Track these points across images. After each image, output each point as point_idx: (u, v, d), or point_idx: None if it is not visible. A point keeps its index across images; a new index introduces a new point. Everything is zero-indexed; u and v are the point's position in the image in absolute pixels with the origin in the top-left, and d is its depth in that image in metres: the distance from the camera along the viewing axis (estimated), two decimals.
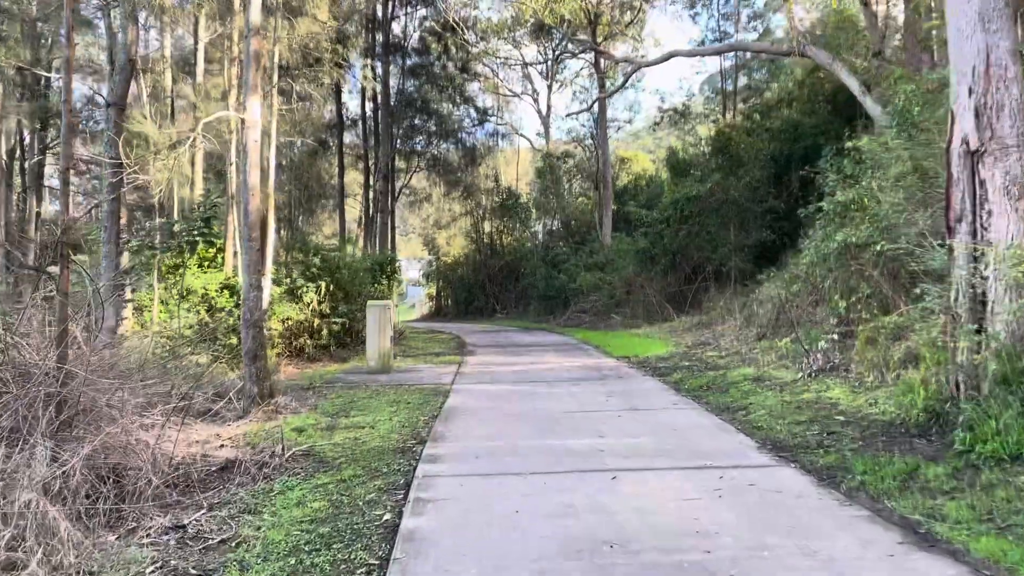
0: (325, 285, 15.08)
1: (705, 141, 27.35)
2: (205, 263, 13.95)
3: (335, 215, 32.09)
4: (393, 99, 30.37)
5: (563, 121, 74.21)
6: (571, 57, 34.93)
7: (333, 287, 15.31)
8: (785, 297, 11.34)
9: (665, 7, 33.24)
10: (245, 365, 8.85)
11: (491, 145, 38.33)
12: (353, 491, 5.30)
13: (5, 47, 16.89)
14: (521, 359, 14.01)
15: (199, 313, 12.98)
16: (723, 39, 31.82)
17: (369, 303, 12.93)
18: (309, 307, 14.65)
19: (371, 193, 29.32)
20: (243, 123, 8.84)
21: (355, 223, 37.10)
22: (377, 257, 21.77)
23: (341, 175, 29.34)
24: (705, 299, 19.25)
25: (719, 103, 33.77)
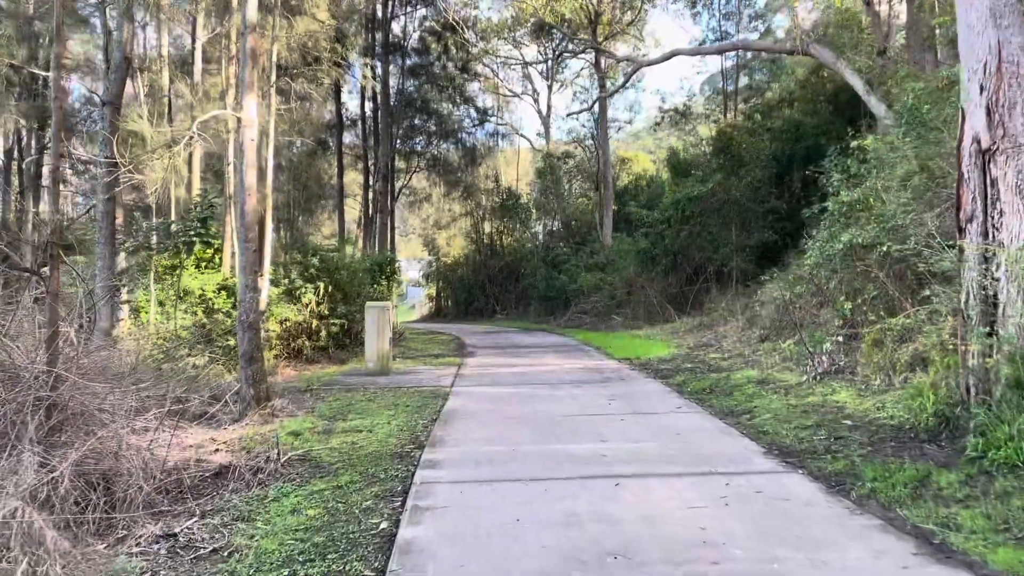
0: (324, 286, 14.94)
1: (706, 141, 27.23)
2: (202, 264, 13.81)
3: (335, 215, 31.95)
4: (393, 99, 30.24)
5: (563, 121, 74.13)
6: (572, 57, 34.82)
7: (332, 288, 15.18)
8: (789, 298, 11.20)
9: (667, 6, 33.10)
10: (241, 368, 8.72)
11: (491, 145, 38.22)
12: (349, 498, 5.17)
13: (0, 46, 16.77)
14: (521, 361, 13.87)
15: (196, 314, 12.84)
16: (724, 39, 31.68)
17: (368, 304, 12.79)
18: (307, 308, 14.51)
19: (371, 193, 29.19)
20: (240, 122, 8.71)
21: (355, 223, 36.97)
22: (376, 258, 21.64)
23: (340, 175, 29.21)
24: (706, 300, 19.12)
25: (720, 103, 33.65)
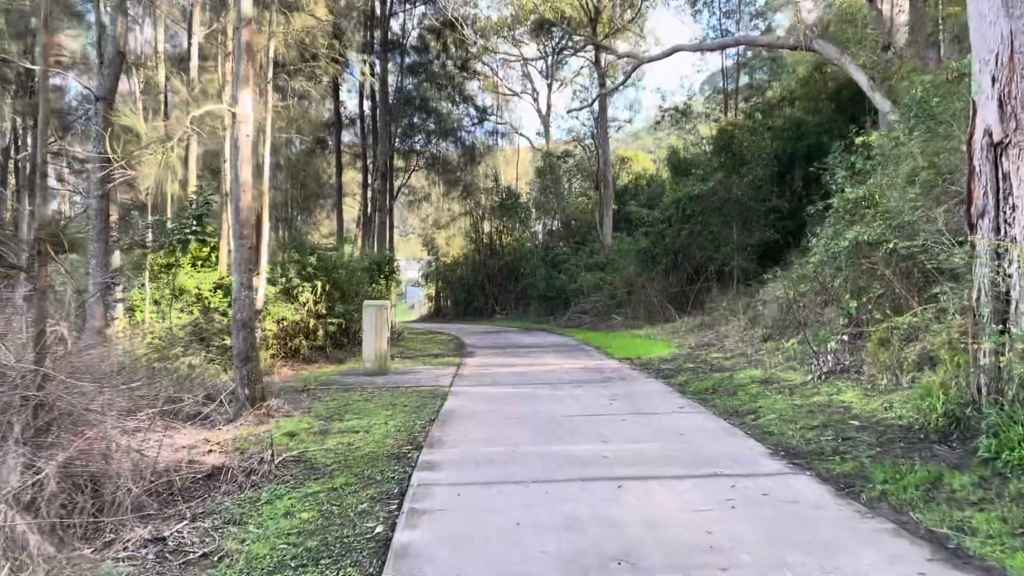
0: (321, 285, 14.80)
1: (707, 140, 27.10)
2: (199, 262, 13.67)
3: (333, 214, 31.80)
4: (392, 97, 30.09)
5: (563, 120, 74.01)
6: (572, 54, 34.69)
7: (329, 287, 15.03)
8: (793, 297, 11.05)
9: (668, 2, 32.98)
10: (236, 367, 8.57)
11: (491, 144, 38.09)
12: (344, 501, 5.02)
13: None
14: (521, 360, 13.73)
15: (192, 313, 12.69)
16: (724, 37, 31.53)
17: (365, 303, 12.64)
18: (305, 307, 14.36)
19: (369, 192, 29.04)
20: (234, 117, 8.56)
21: (354, 223, 36.83)
22: (375, 257, 21.49)
23: (339, 174, 29.06)
24: (707, 299, 18.98)
25: (720, 102, 33.53)
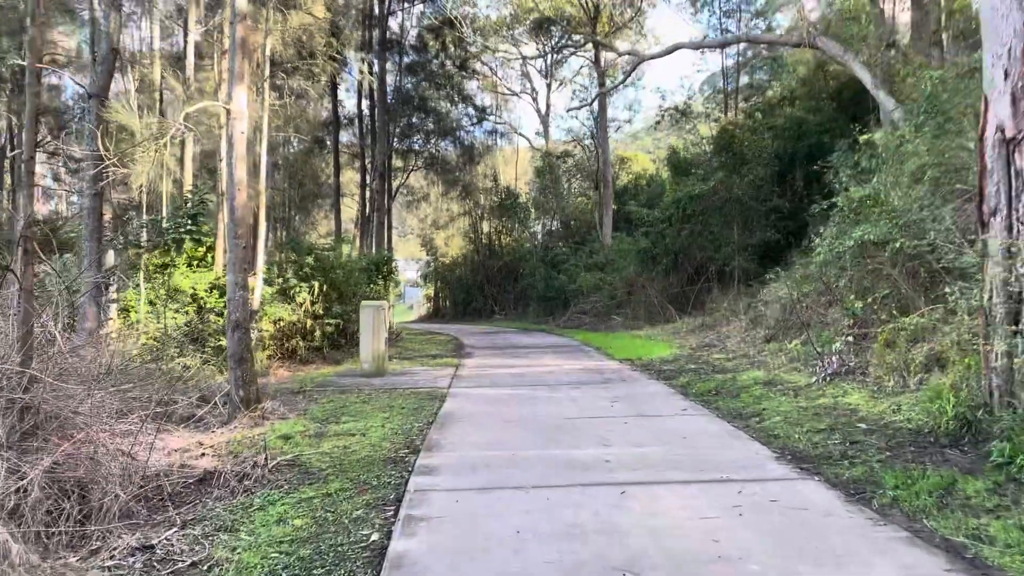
0: (319, 285, 14.65)
1: (707, 140, 26.97)
2: (195, 262, 13.52)
3: (331, 214, 31.64)
4: (390, 96, 29.92)
5: (562, 120, 73.99)
6: (572, 53, 34.53)
7: (327, 287, 14.88)
8: (796, 297, 10.91)
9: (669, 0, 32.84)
10: (230, 369, 8.42)
11: (490, 144, 37.95)
12: (339, 507, 4.87)
13: None
14: (520, 361, 13.58)
15: (187, 314, 12.54)
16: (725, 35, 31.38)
17: (363, 303, 12.49)
18: (302, 308, 14.22)
19: (367, 192, 28.87)
20: (229, 114, 8.41)
21: (352, 223, 36.66)
22: (373, 257, 21.33)
23: (337, 173, 28.90)
24: (708, 300, 18.85)
25: (720, 102, 33.39)
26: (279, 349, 13.74)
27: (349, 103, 33.90)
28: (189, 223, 12.82)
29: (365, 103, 30.27)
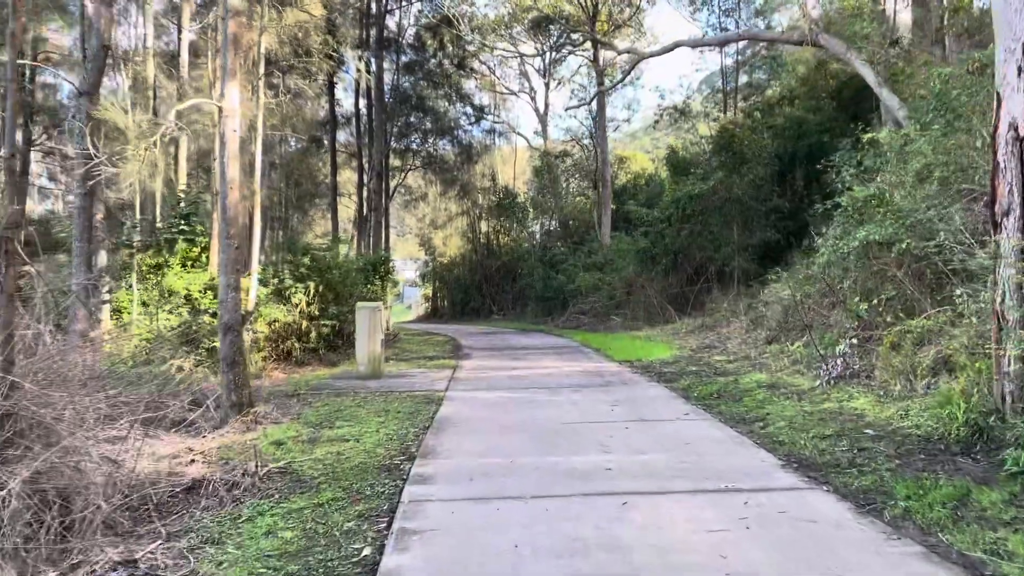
0: (314, 286, 14.47)
1: (706, 139, 26.81)
2: (189, 262, 13.33)
3: (329, 214, 31.45)
4: (388, 96, 29.72)
5: (561, 120, 73.94)
6: (571, 52, 34.35)
7: (323, 288, 14.70)
8: (799, 299, 10.74)
9: None
10: (222, 372, 8.24)
11: (488, 144, 37.74)
12: (330, 518, 4.69)
13: None
14: (519, 363, 13.41)
15: (181, 315, 12.36)
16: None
17: (359, 304, 12.31)
18: (297, 309, 14.03)
19: (365, 192, 28.66)
20: (221, 111, 8.23)
21: (349, 223, 36.46)
22: (370, 257, 21.14)
23: (334, 173, 28.69)
24: (708, 300, 18.69)
25: (719, 101, 33.24)
26: (274, 351, 13.56)
27: (347, 102, 33.66)
28: (182, 223, 12.64)
29: (362, 102, 30.05)
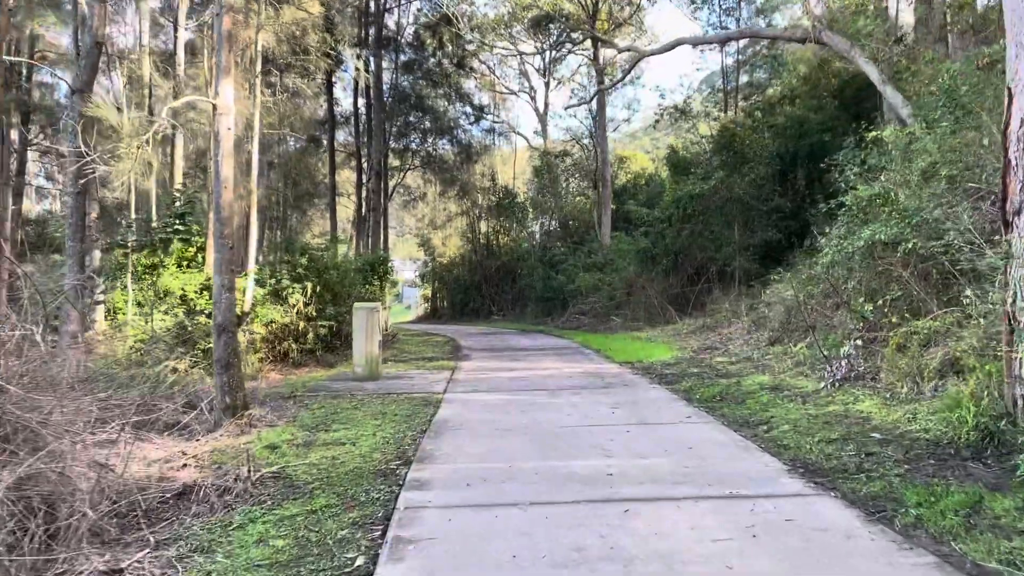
0: (312, 286, 14.32)
1: (707, 139, 26.66)
2: (184, 262, 13.19)
3: (327, 214, 31.32)
4: (387, 95, 29.60)
5: (561, 120, 73.90)
6: (571, 51, 34.21)
7: (321, 288, 14.55)
8: (803, 299, 10.61)
9: None
10: (216, 374, 8.10)
11: (487, 143, 37.63)
12: (323, 526, 4.56)
13: None
14: (518, 364, 13.27)
15: (177, 316, 12.22)
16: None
17: (356, 305, 12.16)
18: (294, 309, 13.89)
19: (364, 191, 28.53)
20: (215, 109, 8.09)
21: (348, 222, 36.34)
22: (369, 257, 21.00)
23: (332, 173, 28.57)
24: (709, 301, 18.54)
25: (720, 101, 33.12)
26: (271, 352, 13.42)
27: (345, 102, 33.56)
28: (177, 223, 12.49)
29: (361, 101, 29.94)
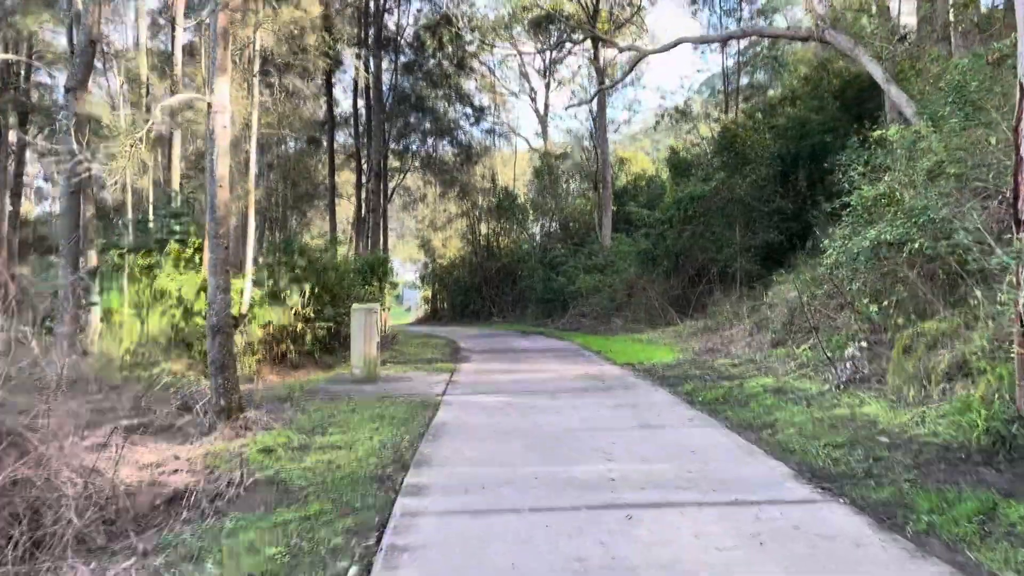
0: (310, 287, 14.21)
1: (707, 140, 26.57)
2: (182, 263, 13.07)
3: (327, 215, 31.21)
4: (387, 96, 29.50)
5: (561, 121, 73.82)
6: (571, 51, 34.12)
7: (319, 289, 14.44)
8: (806, 300, 10.48)
9: None
10: (212, 376, 7.98)
11: (488, 145, 37.52)
12: (317, 533, 4.42)
13: None
14: (518, 366, 13.14)
15: (174, 317, 12.10)
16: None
17: (354, 306, 12.04)
18: (292, 310, 13.77)
19: (363, 193, 28.42)
20: (210, 107, 7.97)
21: (348, 223, 36.23)
22: (368, 258, 20.87)
23: (332, 173, 28.46)
24: (710, 302, 18.41)
25: (720, 103, 33.04)
26: (268, 353, 13.29)
27: (345, 103, 33.46)
28: (173, 223, 12.37)
29: (361, 102, 29.84)
